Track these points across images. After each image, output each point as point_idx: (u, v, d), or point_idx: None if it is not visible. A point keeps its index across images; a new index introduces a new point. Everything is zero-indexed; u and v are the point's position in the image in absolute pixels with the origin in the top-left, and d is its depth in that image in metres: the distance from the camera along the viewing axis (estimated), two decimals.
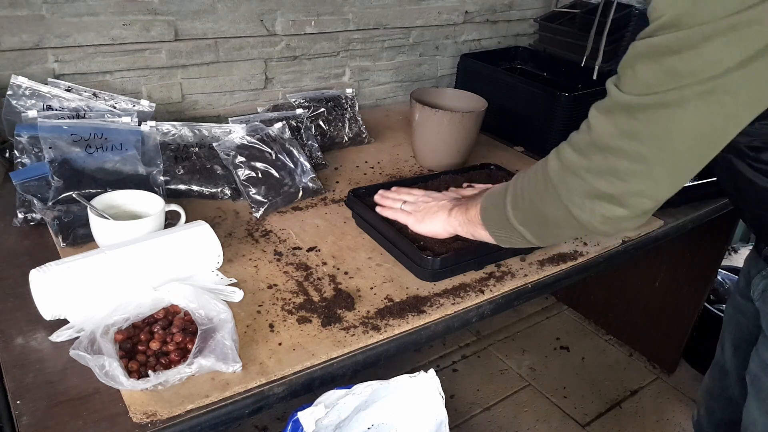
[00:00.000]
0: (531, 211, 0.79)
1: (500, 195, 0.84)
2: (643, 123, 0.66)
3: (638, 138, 0.67)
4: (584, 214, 0.73)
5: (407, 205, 1.03)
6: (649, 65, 0.65)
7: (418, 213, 1.00)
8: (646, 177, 0.68)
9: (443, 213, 0.97)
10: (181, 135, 1.20)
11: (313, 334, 0.85)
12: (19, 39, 1.17)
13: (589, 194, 0.71)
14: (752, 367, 0.97)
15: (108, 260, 0.84)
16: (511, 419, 1.75)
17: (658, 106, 0.65)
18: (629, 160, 0.68)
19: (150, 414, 0.70)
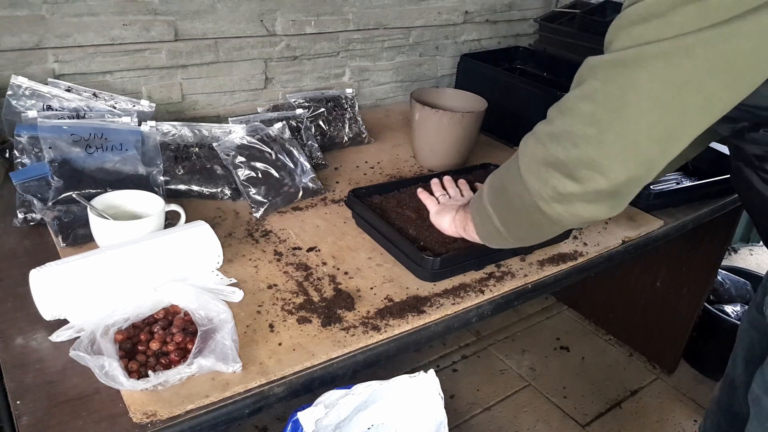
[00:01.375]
0: (498, 188, 0.79)
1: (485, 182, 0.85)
2: (601, 81, 0.64)
3: (594, 98, 0.65)
4: (536, 184, 0.70)
5: (443, 197, 1.08)
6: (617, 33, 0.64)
7: (442, 208, 1.03)
8: (596, 143, 0.65)
9: (452, 211, 0.99)
10: (181, 135, 1.20)
11: (313, 334, 0.85)
12: (19, 39, 1.17)
13: (544, 161, 0.69)
14: (754, 387, 0.94)
15: (108, 260, 0.84)
16: (511, 419, 1.75)
17: (617, 63, 0.63)
18: (583, 122, 0.66)
19: (150, 414, 0.69)
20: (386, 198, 1.15)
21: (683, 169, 1.56)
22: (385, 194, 1.16)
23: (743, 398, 1.10)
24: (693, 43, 0.59)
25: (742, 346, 1.11)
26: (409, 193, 1.17)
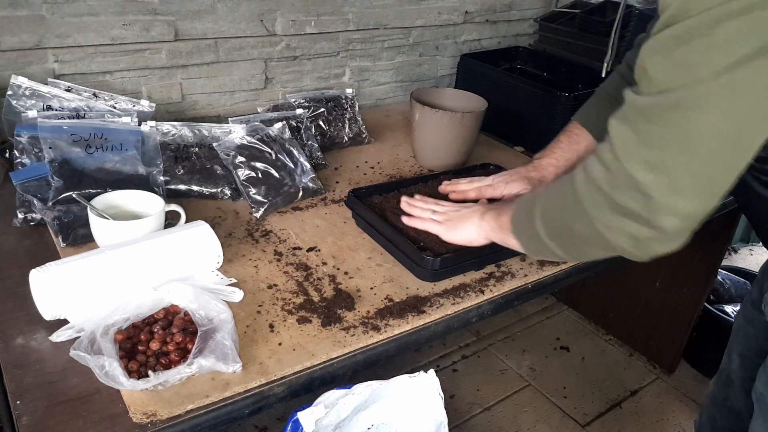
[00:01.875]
0: (559, 225, 0.75)
1: (530, 204, 0.80)
2: (661, 127, 0.61)
3: (658, 145, 0.61)
4: (611, 233, 0.68)
5: (437, 215, 0.99)
6: (659, 60, 0.61)
7: (449, 221, 0.97)
8: (670, 190, 0.62)
9: (475, 217, 0.94)
10: (181, 135, 1.20)
11: (313, 334, 0.85)
12: (19, 39, 1.17)
13: (614, 210, 0.66)
14: (758, 385, 0.94)
15: (108, 260, 0.84)
16: (511, 419, 1.75)
17: (675, 106, 0.60)
18: (650, 170, 0.62)
19: (150, 414, 0.70)
20: (386, 198, 1.15)
21: None
22: (385, 194, 1.16)
23: (739, 393, 1.11)
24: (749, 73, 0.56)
25: (738, 342, 1.11)
26: (409, 194, 1.17)
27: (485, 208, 0.95)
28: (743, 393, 1.10)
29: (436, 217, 0.99)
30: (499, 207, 0.92)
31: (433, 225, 0.98)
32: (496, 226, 0.89)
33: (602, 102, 1.10)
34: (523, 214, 0.83)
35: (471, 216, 0.95)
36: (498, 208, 0.91)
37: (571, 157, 1.10)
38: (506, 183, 1.10)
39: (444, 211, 1.00)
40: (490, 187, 1.10)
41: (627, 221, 0.65)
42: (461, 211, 0.98)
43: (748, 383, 1.07)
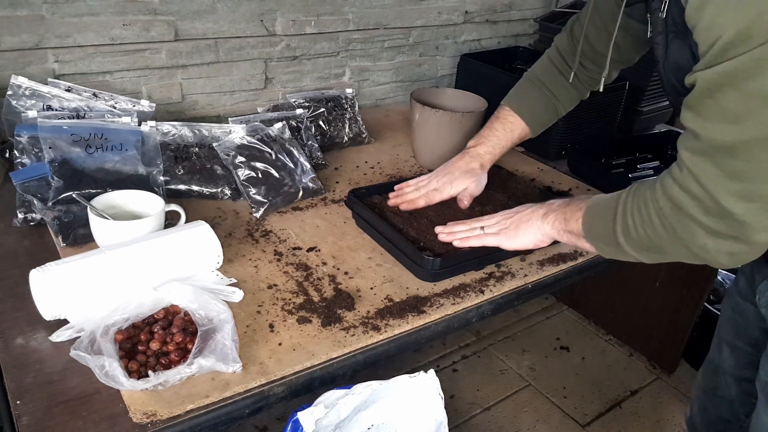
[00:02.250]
0: (648, 244, 0.78)
1: (607, 218, 0.82)
2: (747, 162, 0.64)
3: (747, 178, 0.65)
4: (709, 255, 0.72)
5: (490, 228, 0.99)
6: (728, 92, 0.63)
7: (506, 230, 0.97)
8: (763, 214, 0.66)
9: (535, 220, 0.94)
10: (181, 135, 1.20)
11: (313, 334, 0.85)
12: (19, 39, 1.17)
13: (711, 235, 0.70)
14: (762, 374, 0.96)
15: (108, 260, 0.84)
16: (511, 419, 1.75)
17: (759, 141, 0.62)
18: (743, 200, 0.66)
19: (150, 414, 0.70)
20: (386, 198, 1.15)
21: None
22: (385, 194, 1.16)
23: (731, 382, 1.13)
24: None
25: (726, 333, 1.13)
26: None
27: (542, 209, 0.95)
28: (735, 381, 1.12)
29: (489, 230, 0.99)
30: (560, 210, 0.92)
31: (490, 238, 0.98)
32: (563, 229, 0.91)
33: (533, 88, 1.14)
34: (597, 224, 0.85)
35: (529, 219, 0.95)
36: (561, 211, 0.92)
37: (506, 145, 1.14)
38: (451, 183, 1.11)
39: (495, 222, 0.99)
40: (437, 191, 1.10)
41: (724, 242, 0.70)
42: (513, 217, 0.98)
43: (740, 371, 1.09)
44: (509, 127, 1.13)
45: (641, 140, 1.63)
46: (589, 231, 0.86)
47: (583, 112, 1.49)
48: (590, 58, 1.10)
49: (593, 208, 0.86)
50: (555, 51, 1.15)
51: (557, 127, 1.46)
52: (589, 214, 0.86)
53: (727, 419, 1.16)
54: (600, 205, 0.85)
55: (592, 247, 0.87)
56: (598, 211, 0.85)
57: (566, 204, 0.92)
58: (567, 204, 0.92)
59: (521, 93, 1.16)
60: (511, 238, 0.96)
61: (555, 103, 1.14)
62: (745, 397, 1.11)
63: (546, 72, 1.15)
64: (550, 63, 1.15)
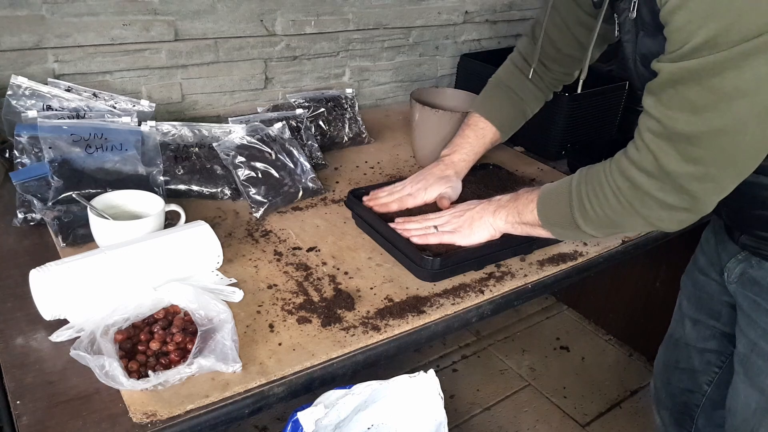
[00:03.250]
0: (605, 221, 0.84)
1: (562, 204, 0.88)
2: (705, 149, 0.71)
3: (703, 162, 0.72)
4: (663, 224, 0.80)
5: (443, 226, 1.02)
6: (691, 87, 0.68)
7: (460, 228, 1.01)
8: (716, 189, 0.75)
9: (486, 216, 0.99)
10: (181, 135, 1.20)
11: (313, 334, 0.85)
12: (19, 39, 1.17)
13: (665, 207, 0.78)
14: (740, 347, 1.01)
15: (108, 260, 0.84)
16: (511, 419, 1.75)
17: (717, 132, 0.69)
18: (698, 181, 0.74)
19: (150, 414, 0.70)
20: None
21: None
22: None
23: (694, 354, 1.19)
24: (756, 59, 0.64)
25: (688, 307, 1.19)
26: None
27: (491, 206, 1.00)
28: (697, 353, 1.18)
29: (445, 228, 1.01)
30: (509, 204, 0.98)
31: (445, 236, 1.00)
32: (516, 222, 0.96)
33: (500, 93, 1.17)
34: (552, 212, 0.91)
35: (481, 217, 1.00)
36: (509, 206, 0.97)
37: (479, 150, 1.17)
38: (425, 189, 1.12)
39: (447, 221, 1.02)
40: (411, 196, 1.12)
41: (676, 213, 0.78)
42: (465, 214, 1.02)
43: (702, 344, 1.16)
44: (480, 133, 1.17)
45: None
46: (545, 219, 0.91)
47: (583, 112, 1.49)
48: (555, 59, 1.13)
49: (546, 198, 0.92)
50: (518, 54, 1.19)
51: (557, 127, 1.46)
52: (542, 203, 0.92)
53: (689, 390, 1.21)
54: (552, 193, 0.91)
55: (549, 233, 0.93)
56: (552, 199, 0.91)
57: (515, 198, 0.97)
58: (515, 198, 0.97)
59: (489, 98, 1.19)
60: (466, 237, 1.00)
61: (522, 105, 1.18)
62: (707, 367, 1.17)
63: (510, 75, 1.18)
64: (513, 66, 1.18)
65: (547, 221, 0.92)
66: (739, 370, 1.01)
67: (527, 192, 0.96)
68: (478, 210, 1.01)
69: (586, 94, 1.46)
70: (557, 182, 0.92)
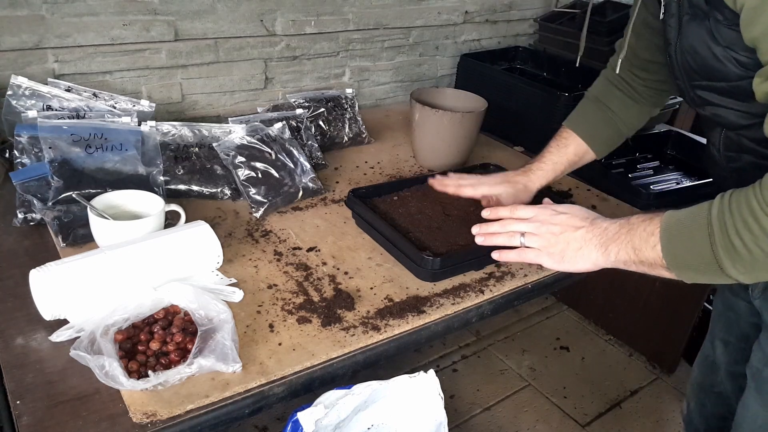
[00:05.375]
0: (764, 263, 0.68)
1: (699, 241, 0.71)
2: None
3: None
4: None
5: (532, 239, 0.86)
6: None
7: (552, 250, 0.85)
8: None
9: (591, 247, 0.82)
10: (181, 135, 1.20)
11: (313, 334, 0.85)
12: (19, 39, 1.17)
13: None
14: (754, 361, 0.97)
15: (108, 260, 0.84)
16: (511, 419, 1.75)
17: None
18: None
19: (150, 414, 0.70)
20: (386, 198, 1.15)
21: (683, 169, 1.56)
22: (386, 194, 1.16)
23: (725, 378, 1.13)
24: None
25: (719, 329, 1.13)
26: (409, 193, 1.17)
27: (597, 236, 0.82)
28: (729, 378, 1.12)
29: (531, 242, 0.86)
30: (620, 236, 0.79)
31: (531, 255, 0.86)
32: (631, 261, 0.78)
33: (587, 103, 1.13)
34: (687, 251, 0.73)
35: (580, 247, 0.83)
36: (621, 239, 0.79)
37: (559, 160, 1.10)
38: (486, 184, 1.09)
39: (536, 229, 0.86)
40: (470, 186, 1.08)
41: None
42: (559, 235, 0.85)
43: (733, 367, 1.10)
44: (563, 143, 1.11)
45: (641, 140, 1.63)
46: (673, 259, 0.73)
47: None
48: (637, 65, 1.06)
49: (673, 231, 0.74)
50: (610, 70, 1.12)
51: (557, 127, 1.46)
52: (668, 238, 0.73)
53: (724, 416, 1.16)
54: (682, 225, 0.73)
55: (676, 275, 0.74)
56: (683, 233, 0.72)
57: (628, 229, 0.78)
58: (629, 229, 0.78)
59: (577, 112, 1.14)
60: (557, 262, 0.84)
61: (612, 117, 1.10)
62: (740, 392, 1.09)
63: (599, 87, 1.13)
64: (605, 80, 1.12)
65: (675, 262, 0.73)
66: (751, 384, 0.96)
67: (643, 221, 0.77)
68: (579, 237, 0.83)
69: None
70: (685, 210, 0.74)
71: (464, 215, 1.11)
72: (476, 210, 1.13)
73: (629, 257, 0.78)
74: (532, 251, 0.86)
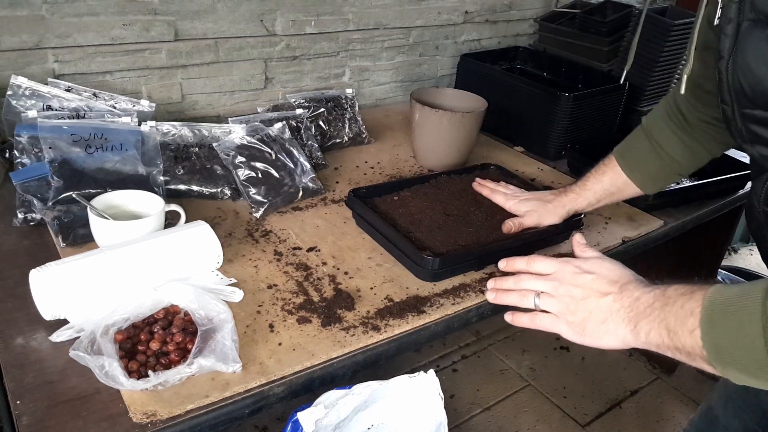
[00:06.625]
0: None
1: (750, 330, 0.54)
2: None
3: None
4: None
5: (548, 301, 0.73)
6: None
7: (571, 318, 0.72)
8: None
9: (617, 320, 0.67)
10: (181, 135, 1.20)
11: (313, 334, 0.85)
12: (19, 39, 1.17)
13: None
14: None
15: (108, 260, 0.84)
16: (511, 419, 1.75)
17: None
18: None
19: (150, 414, 0.70)
20: (386, 198, 1.15)
21: None
22: (386, 194, 1.16)
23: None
24: None
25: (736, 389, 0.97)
26: (409, 193, 1.17)
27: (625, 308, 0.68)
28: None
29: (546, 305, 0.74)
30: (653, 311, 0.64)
31: (546, 321, 0.74)
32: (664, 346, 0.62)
33: (639, 136, 1.04)
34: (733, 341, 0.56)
35: (605, 318, 0.69)
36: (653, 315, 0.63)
37: (593, 187, 1.06)
38: (520, 199, 1.11)
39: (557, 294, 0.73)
40: (505, 196, 1.12)
41: None
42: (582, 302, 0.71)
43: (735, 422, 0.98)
44: (601, 170, 1.06)
45: None
46: (717, 352, 0.57)
47: (583, 112, 1.49)
48: (698, 97, 0.91)
49: (716, 314, 0.57)
50: (672, 102, 0.99)
51: (557, 127, 1.46)
52: (710, 323, 0.57)
53: None
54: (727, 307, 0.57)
55: (721, 373, 0.58)
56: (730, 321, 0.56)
57: (663, 303, 0.63)
58: (663, 303, 0.62)
59: (626, 140, 1.07)
60: (577, 333, 0.71)
61: (653, 144, 1.00)
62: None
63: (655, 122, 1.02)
64: (664, 112, 1.01)
65: (719, 354, 0.57)
66: None
67: (683, 294, 0.61)
68: (605, 306, 0.69)
69: (586, 94, 1.47)
70: (735, 288, 0.58)
71: (464, 215, 1.11)
72: (477, 210, 1.13)
73: (662, 341, 0.61)
74: (548, 317, 0.74)
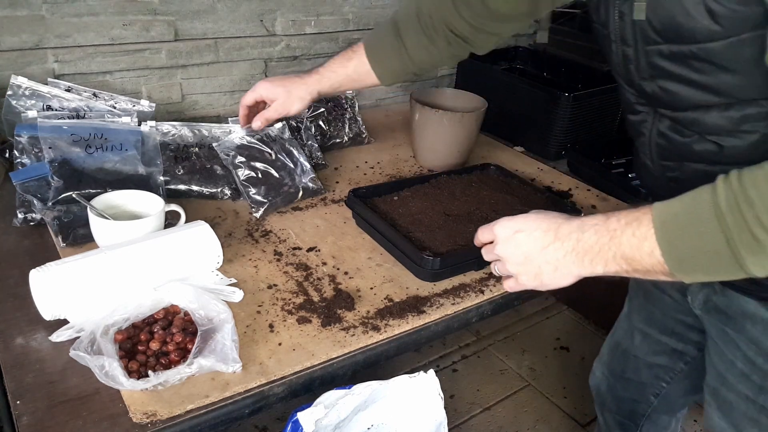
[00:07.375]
0: None
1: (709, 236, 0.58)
2: None
3: None
4: None
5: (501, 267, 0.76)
6: None
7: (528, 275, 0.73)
8: None
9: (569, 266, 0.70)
10: (181, 135, 1.20)
11: (313, 334, 0.85)
12: (19, 39, 1.17)
13: None
14: (709, 379, 0.92)
15: (108, 260, 0.84)
16: (511, 419, 1.75)
17: None
18: None
19: (150, 414, 0.70)
20: (386, 198, 1.15)
21: None
22: (386, 194, 1.16)
23: (641, 366, 1.11)
24: None
25: (638, 320, 1.09)
26: (409, 193, 1.17)
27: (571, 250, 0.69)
28: (645, 366, 1.11)
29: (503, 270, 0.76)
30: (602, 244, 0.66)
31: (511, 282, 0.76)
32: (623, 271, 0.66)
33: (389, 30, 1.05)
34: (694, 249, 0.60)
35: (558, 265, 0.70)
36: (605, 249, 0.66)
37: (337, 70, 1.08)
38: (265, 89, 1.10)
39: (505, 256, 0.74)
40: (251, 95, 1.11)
41: None
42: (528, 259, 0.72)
43: (651, 358, 1.08)
44: (347, 56, 1.07)
45: None
46: (679, 263, 0.61)
47: (583, 112, 1.49)
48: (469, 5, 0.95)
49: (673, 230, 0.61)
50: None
51: (557, 127, 1.47)
52: (669, 240, 0.61)
53: (635, 399, 1.16)
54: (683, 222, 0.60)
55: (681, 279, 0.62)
56: (687, 235, 0.60)
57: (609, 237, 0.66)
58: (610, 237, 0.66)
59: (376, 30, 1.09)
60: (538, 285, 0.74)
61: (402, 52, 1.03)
62: (654, 380, 1.10)
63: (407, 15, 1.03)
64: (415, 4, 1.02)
65: (682, 266, 0.61)
66: (711, 402, 0.91)
67: (628, 224, 0.64)
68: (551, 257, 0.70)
69: (586, 94, 1.47)
70: (677, 203, 0.61)
71: (464, 215, 1.11)
72: (477, 210, 1.13)
73: (620, 268, 0.66)
74: (510, 279, 0.76)
